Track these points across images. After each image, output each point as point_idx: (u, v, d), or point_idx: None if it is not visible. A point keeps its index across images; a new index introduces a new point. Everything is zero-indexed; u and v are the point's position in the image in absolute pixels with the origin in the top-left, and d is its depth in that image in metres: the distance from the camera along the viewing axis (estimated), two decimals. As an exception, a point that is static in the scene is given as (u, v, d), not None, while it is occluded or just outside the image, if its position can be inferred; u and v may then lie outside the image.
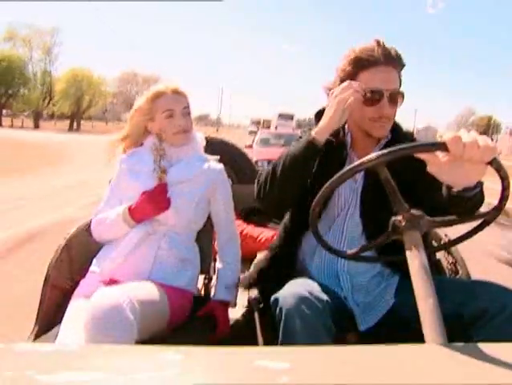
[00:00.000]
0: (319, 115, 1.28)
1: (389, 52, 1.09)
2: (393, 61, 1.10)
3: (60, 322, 1.19)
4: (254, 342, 1.11)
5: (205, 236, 1.55)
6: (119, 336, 0.90)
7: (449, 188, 0.88)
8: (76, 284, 1.49)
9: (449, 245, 1.23)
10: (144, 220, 1.29)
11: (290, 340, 0.93)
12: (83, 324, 0.95)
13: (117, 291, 1.01)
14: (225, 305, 1.35)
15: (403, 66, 1.14)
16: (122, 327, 0.92)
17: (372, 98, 1.09)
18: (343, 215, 1.21)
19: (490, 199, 0.99)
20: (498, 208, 0.85)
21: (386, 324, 1.13)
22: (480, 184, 0.86)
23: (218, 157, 1.51)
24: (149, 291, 1.12)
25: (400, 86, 1.14)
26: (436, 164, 0.78)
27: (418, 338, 0.65)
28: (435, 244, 1.53)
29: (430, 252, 1.24)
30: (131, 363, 0.48)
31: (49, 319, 1.26)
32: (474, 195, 0.86)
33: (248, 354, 0.52)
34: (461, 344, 0.54)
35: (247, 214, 2.41)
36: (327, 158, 1.21)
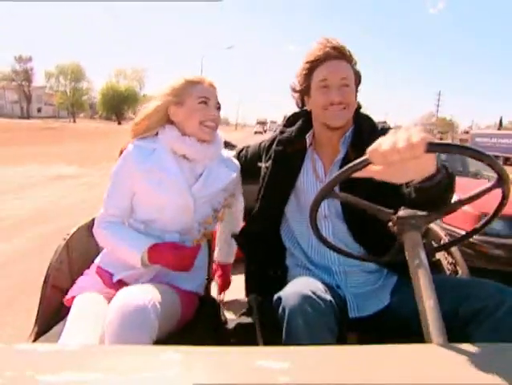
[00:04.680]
0: (294, 116, 1.34)
1: (336, 47, 1.16)
2: (341, 55, 1.17)
3: (59, 322, 1.18)
4: (254, 342, 1.11)
5: None
6: (141, 336, 0.91)
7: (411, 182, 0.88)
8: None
9: (448, 246, 1.23)
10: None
11: (292, 339, 0.93)
12: (108, 322, 0.94)
13: (141, 292, 1.00)
14: (229, 266, 1.59)
15: (352, 59, 1.19)
16: (145, 327, 0.93)
17: (323, 87, 1.17)
18: (327, 222, 1.22)
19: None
20: (499, 207, 0.84)
21: (385, 324, 1.13)
22: (442, 170, 0.86)
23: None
24: (166, 294, 1.11)
25: (359, 79, 1.21)
26: (379, 174, 0.79)
27: (418, 338, 0.65)
28: (435, 244, 1.53)
29: (430, 252, 1.24)
30: (131, 363, 0.48)
31: (49, 319, 1.26)
32: (439, 182, 0.85)
33: (248, 354, 0.52)
34: (460, 344, 0.54)
35: (249, 213, 2.40)
36: (288, 158, 1.26)
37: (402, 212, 0.82)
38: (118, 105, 51.95)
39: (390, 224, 0.84)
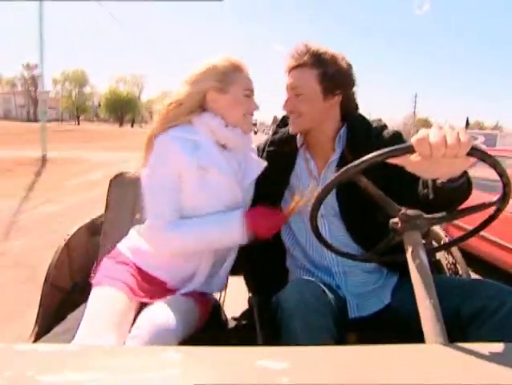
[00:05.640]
0: (287, 118, 1.31)
1: (296, 56, 1.16)
2: (300, 63, 1.15)
3: (60, 323, 1.18)
4: (254, 342, 1.11)
5: None
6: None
7: (434, 180, 0.88)
8: (76, 285, 1.48)
9: (449, 245, 1.23)
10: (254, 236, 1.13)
11: (290, 341, 0.93)
12: (133, 336, 0.95)
13: (166, 314, 0.99)
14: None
15: (319, 65, 1.14)
16: (174, 341, 0.94)
17: (286, 95, 1.20)
18: (324, 221, 1.21)
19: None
20: (502, 200, 0.83)
21: (386, 324, 1.13)
22: (465, 174, 0.86)
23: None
24: (187, 307, 1.10)
25: (325, 85, 1.15)
26: (413, 165, 0.78)
27: (418, 338, 0.65)
28: (435, 244, 1.53)
29: (430, 252, 1.24)
30: (131, 363, 0.48)
31: (49, 319, 1.26)
32: (460, 185, 0.86)
33: (248, 354, 0.52)
34: (460, 344, 0.54)
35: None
36: (281, 158, 1.26)
37: (408, 210, 0.82)
38: (120, 109, 57.91)
39: (393, 220, 0.84)
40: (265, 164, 1.25)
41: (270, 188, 1.26)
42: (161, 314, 0.99)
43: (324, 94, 1.15)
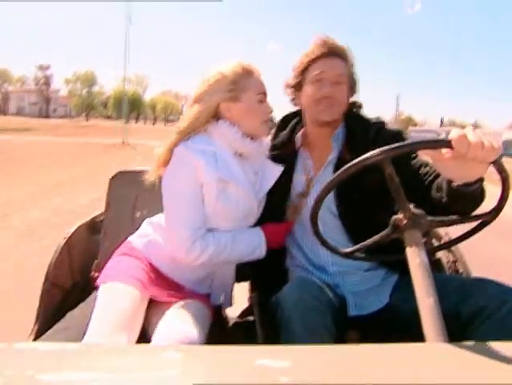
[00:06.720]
0: (286, 119, 1.33)
1: (335, 46, 1.18)
2: (339, 53, 1.18)
3: (60, 321, 1.18)
4: (255, 341, 1.11)
5: None
6: None
7: (449, 182, 0.88)
8: (76, 283, 1.48)
9: (449, 245, 1.22)
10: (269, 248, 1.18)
11: (290, 341, 0.93)
12: (162, 340, 0.94)
13: (184, 324, 1.00)
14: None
15: (350, 60, 1.19)
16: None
17: (317, 80, 1.17)
18: (320, 219, 1.20)
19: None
20: (498, 209, 0.85)
21: (387, 322, 1.12)
22: (481, 180, 0.86)
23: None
24: (199, 313, 1.10)
25: (353, 81, 1.22)
26: (440, 160, 0.79)
27: (418, 337, 0.65)
28: (435, 243, 1.53)
29: (431, 251, 1.24)
30: (131, 363, 0.48)
31: (49, 318, 1.26)
32: (475, 190, 0.86)
33: (248, 354, 0.51)
34: (461, 343, 0.54)
35: None
36: (283, 161, 1.24)
37: (414, 209, 0.82)
38: (126, 107, 61.18)
39: (398, 216, 0.84)
40: (280, 169, 1.22)
41: (274, 192, 1.25)
42: (183, 326, 0.98)
43: (350, 89, 1.20)
